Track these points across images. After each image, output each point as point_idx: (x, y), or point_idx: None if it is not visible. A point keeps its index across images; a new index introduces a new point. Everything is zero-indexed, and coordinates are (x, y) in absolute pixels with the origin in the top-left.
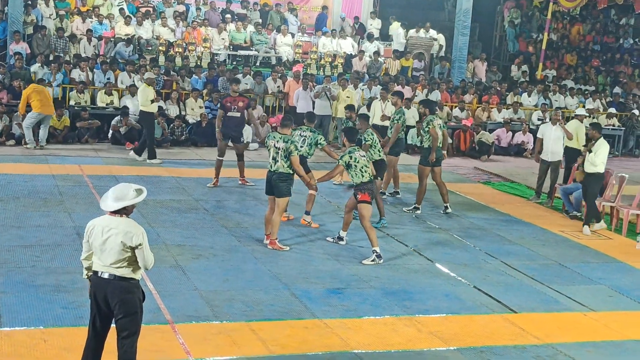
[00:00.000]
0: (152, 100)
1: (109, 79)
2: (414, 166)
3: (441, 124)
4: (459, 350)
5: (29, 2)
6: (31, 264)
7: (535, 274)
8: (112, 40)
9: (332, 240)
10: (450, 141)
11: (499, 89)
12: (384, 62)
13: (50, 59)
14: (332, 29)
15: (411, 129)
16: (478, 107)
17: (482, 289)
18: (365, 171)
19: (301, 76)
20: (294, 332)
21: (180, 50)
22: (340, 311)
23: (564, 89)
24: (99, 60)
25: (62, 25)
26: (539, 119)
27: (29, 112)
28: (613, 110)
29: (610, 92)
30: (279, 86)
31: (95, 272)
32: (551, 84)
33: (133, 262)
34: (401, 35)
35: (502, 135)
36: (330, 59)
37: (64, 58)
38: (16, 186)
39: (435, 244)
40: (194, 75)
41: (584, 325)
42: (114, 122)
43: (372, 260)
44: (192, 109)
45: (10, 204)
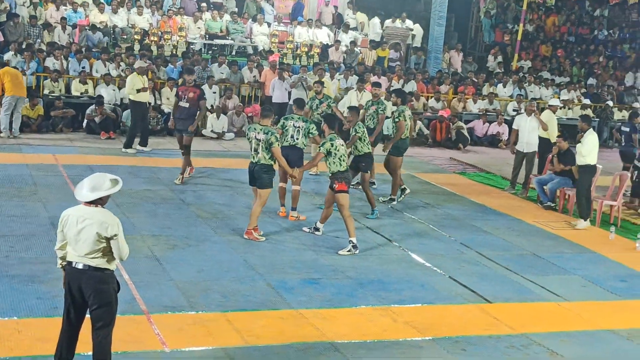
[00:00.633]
0: (139, 90)
1: (83, 67)
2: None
3: (410, 115)
4: (434, 340)
5: None
6: (4, 254)
7: (510, 264)
8: (86, 28)
9: (308, 230)
10: (426, 132)
11: (475, 79)
12: (360, 52)
13: (23, 47)
14: (309, 18)
15: (387, 119)
16: (454, 98)
17: (457, 279)
18: (344, 160)
19: (277, 66)
20: (269, 322)
21: (156, 39)
22: (316, 301)
23: (539, 80)
24: (73, 49)
25: (35, 13)
26: (514, 109)
27: (2, 98)
28: (587, 102)
29: (584, 83)
30: (255, 76)
31: (70, 263)
32: (526, 75)
33: (108, 253)
34: (377, 26)
35: (477, 126)
36: (306, 49)
37: (36, 46)
38: None
39: (410, 234)
40: (169, 64)
41: (558, 315)
42: (88, 111)
43: (349, 251)
44: (168, 99)
45: None
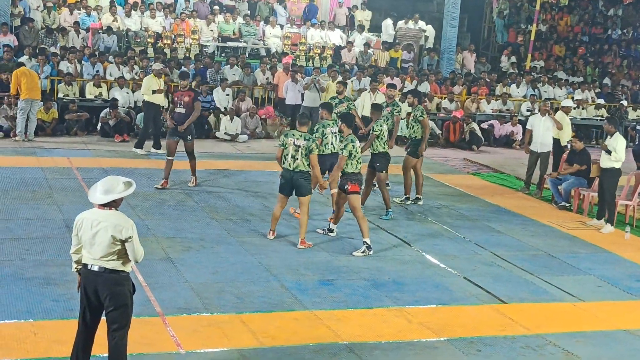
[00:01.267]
0: (154, 91)
1: (97, 71)
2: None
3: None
4: (449, 340)
5: None
6: (20, 257)
7: (525, 264)
8: (100, 32)
9: (322, 231)
10: (438, 132)
11: (488, 80)
12: (373, 54)
13: (37, 51)
14: (321, 20)
15: (401, 120)
16: (467, 99)
17: (471, 279)
18: (360, 162)
19: (290, 68)
20: (284, 323)
21: (169, 42)
22: (330, 302)
23: (552, 80)
24: (87, 52)
25: (49, 17)
26: (527, 110)
27: (17, 100)
28: (601, 101)
29: (599, 83)
30: (267, 78)
31: (85, 265)
32: (540, 75)
33: (123, 255)
34: (390, 27)
35: (495, 126)
36: (319, 51)
37: (50, 50)
38: (4, 179)
39: (425, 235)
40: (182, 67)
41: (573, 315)
42: (102, 114)
43: (363, 252)
44: None
45: None
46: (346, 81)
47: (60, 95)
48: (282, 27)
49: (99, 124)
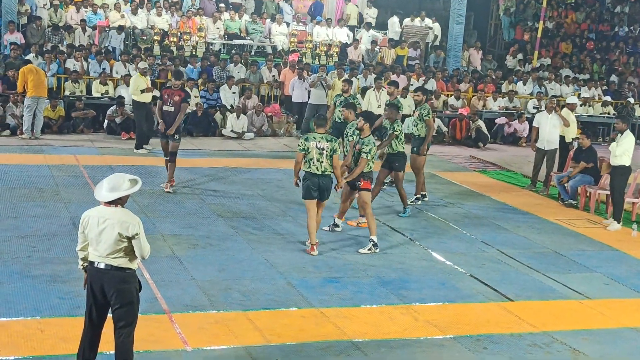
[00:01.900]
0: (143, 90)
1: (104, 68)
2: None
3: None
4: (455, 338)
5: None
6: (27, 254)
7: (531, 262)
8: (106, 29)
9: (328, 228)
10: (444, 129)
11: (494, 77)
12: (380, 51)
13: (44, 49)
14: (327, 17)
15: (406, 117)
16: (474, 96)
17: (478, 277)
18: (373, 162)
19: (296, 65)
20: (290, 321)
21: (175, 39)
22: (336, 300)
23: (559, 77)
24: (93, 50)
25: (56, 15)
26: (534, 107)
27: (24, 98)
28: (608, 99)
29: (605, 80)
30: (274, 75)
31: (92, 263)
32: (546, 72)
33: (129, 252)
34: (396, 24)
35: (503, 123)
36: (325, 48)
37: (57, 48)
38: (11, 177)
39: (431, 232)
40: (189, 64)
41: (580, 313)
42: (109, 112)
43: (369, 249)
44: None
45: (6, 194)
46: (352, 79)
47: (67, 93)
48: (288, 24)
49: (106, 121)
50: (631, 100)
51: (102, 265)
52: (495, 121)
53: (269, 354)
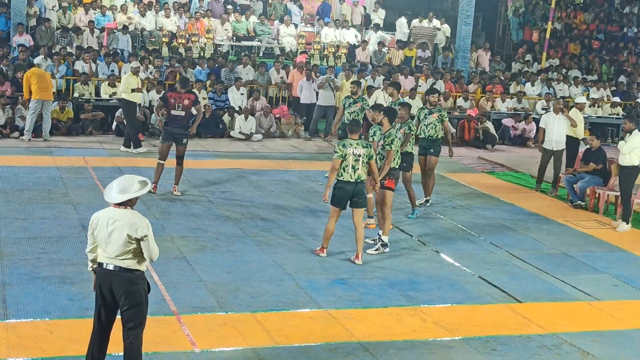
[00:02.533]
0: (134, 89)
1: (112, 70)
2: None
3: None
4: (464, 340)
5: None
6: (36, 256)
7: (540, 263)
8: (114, 31)
9: (374, 244)
10: (452, 130)
11: (503, 78)
12: (388, 52)
13: (53, 51)
14: (336, 19)
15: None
16: (482, 97)
17: (486, 278)
18: (399, 158)
19: (304, 67)
20: (299, 322)
21: (183, 41)
22: (345, 301)
23: (567, 78)
24: (102, 52)
25: (65, 17)
26: (542, 108)
27: (29, 101)
28: (617, 99)
29: (614, 81)
30: (282, 77)
31: (100, 264)
32: (555, 73)
33: (138, 254)
34: (404, 26)
35: (511, 124)
36: (333, 50)
37: (67, 49)
38: (20, 178)
39: (440, 234)
40: (197, 66)
41: (589, 314)
42: (118, 113)
43: (376, 250)
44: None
45: (15, 196)
46: (360, 80)
47: (76, 94)
48: (296, 26)
49: (114, 123)
50: None
51: (111, 267)
52: (502, 122)
53: (277, 355)
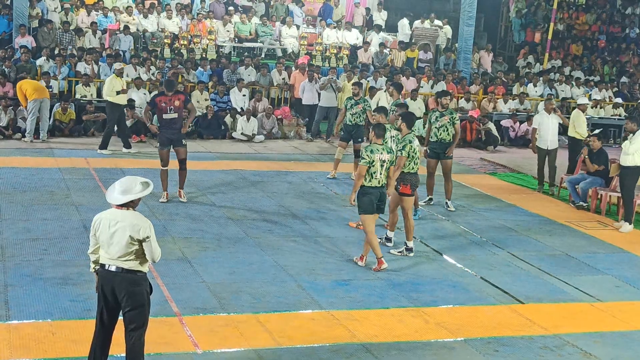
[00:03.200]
0: (118, 92)
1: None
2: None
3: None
4: (466, 341)
5: None
6: (39, 257)
7: (542, 264)
8: (117, 32)
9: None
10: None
11: (505, 79)
12: (390, 54)
13: (55, 52)
14: (337, 20)
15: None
16: (484, 98)
17: (489, 279)
18: (417, 163)
19: (306, 68)
20: (301, 323)
21: (186, 43)
22: (346, 302)
23: (569, 79)
24: (104, 53)
25: (67, 19)
26: None
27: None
28: (619, 100)
29: (616, 82)
30: (284, 78)
31: (103, 265)
32: (557, 74)
33: (140, 255)
34: (406, 27)
35: (511, 125)
36: (335, 51)
37: (67, 51)
38: (23, 180)
39: (442, 235)
40: (199, 67)
41: (591, 315)
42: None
43: (400, 252)
44: (198, 102)
45: (17, 197)
46: (361, 82)
47: (78, 96)
48: (298, 27)
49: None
50: None
51: (113, 268)
52: (500, 123)
53: (279, 356)
